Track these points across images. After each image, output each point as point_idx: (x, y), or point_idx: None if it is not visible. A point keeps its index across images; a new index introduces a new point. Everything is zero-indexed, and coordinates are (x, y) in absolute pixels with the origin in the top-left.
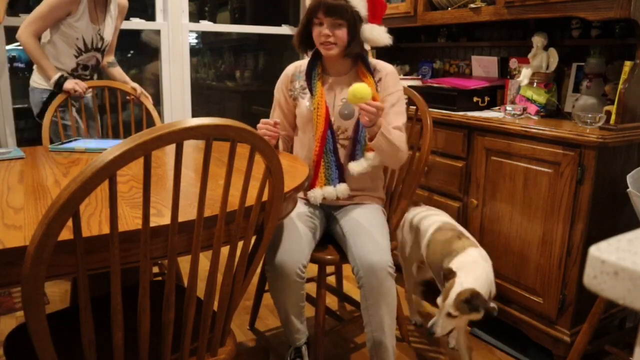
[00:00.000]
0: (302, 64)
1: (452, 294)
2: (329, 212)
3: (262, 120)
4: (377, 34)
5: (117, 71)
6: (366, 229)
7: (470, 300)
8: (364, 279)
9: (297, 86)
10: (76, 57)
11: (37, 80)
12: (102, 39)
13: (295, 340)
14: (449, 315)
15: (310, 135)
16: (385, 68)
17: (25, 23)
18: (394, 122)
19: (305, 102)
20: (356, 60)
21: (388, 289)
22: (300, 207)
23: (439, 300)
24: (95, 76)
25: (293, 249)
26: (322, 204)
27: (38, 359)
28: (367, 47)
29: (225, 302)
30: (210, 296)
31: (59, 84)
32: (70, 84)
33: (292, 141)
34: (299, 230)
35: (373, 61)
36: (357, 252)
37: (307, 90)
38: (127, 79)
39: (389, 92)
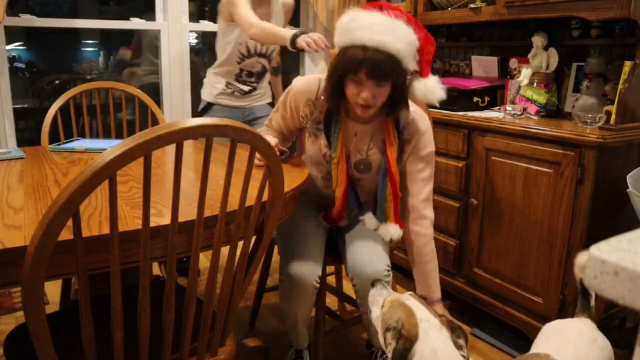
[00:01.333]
0: (319, 87)
1: None
2: None
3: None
4: (430, 93)
5: (276, 81)
6: (364, 234)
7: None
8: (357, 286)
9: (311, 118)
10: (238, 62)
11: (206, 94)
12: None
13: (299, 343)
14: None
15: (319, 174)
16: (420, 125)
17: (243, 17)
18: (421, 192)
19: (318, 142)
20: (388, 114)
21: None
22: (310, 213)
23: None
24: (262, 82)
25: (310, 260)
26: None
27: (38, 359)
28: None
29: (225, 302)
30: (210, 296)
31: (293, 41)
32: (302, 41)
33: (289, 142)
34: (314, 239)
35: (410, 114)
36: (352, 261)
37: (321, 128)
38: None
39: (420, 155)
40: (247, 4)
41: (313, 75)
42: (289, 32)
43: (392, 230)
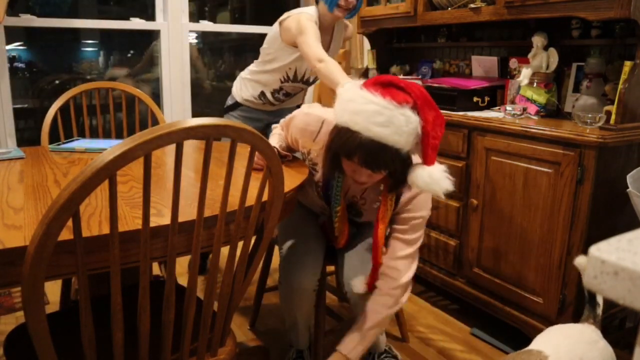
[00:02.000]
0: (320, 129)
1: None
2: None
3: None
4: (434, 183)
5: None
6: (360, 247)
7: None
8: (352, 301)
9: (309, 156)
10: (281, 82)
11: (236, 92)
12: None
13: (299, 343)
14: None
15: (316, 201)
16: (419, 204)
17: (313, 50)
18: (398, 251)
19: (314, 179)
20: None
21: None
22: (310, 216)
23: None
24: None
25: (309, 265)
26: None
27: (38, 359)
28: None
29: (225, 302)
30: (210, 296)
31: None
32: None
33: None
34: (314, 244)
35: (412, 193)
36: (346, 270)
37: (317, 168)
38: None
39: (408, 215)
40: (317, 37)
41: (316, 115)
42: (344, 81)
43: (357, 284)
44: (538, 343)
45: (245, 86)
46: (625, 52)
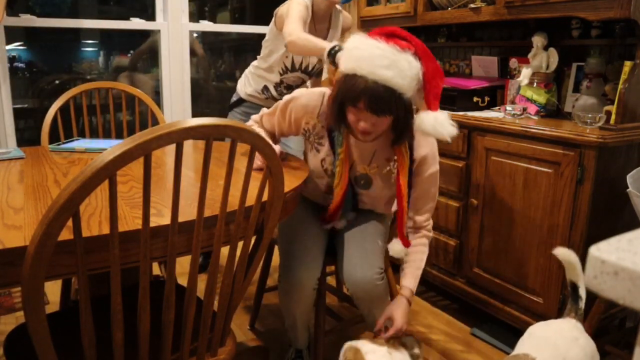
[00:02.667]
0: (322, 103)
1: None
2: None
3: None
4: (440, 126)
5: (316, 82)
6: (359, 237)
7: None
8: (351, 290)
9: (313, 133)
10: (280, 74)
11: (240, 88)
12: (315, 61)
13: (298, 343)
14: None
15: (321, 187)
16: (425, 145)
17: (287, 27)
18: (421, 207)
19: (320, 156)
20: (392, 143)
21: (377, 296)
22: (310, 214)
23: None
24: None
25: (309, 262)
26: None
27: (38, 359)
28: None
29: (225, 302)
30: (210, 296)
31: (332, 55)
32: None
33: (276, 143)
34: (314, 243)
35: (416, 136)
36: (346, 266)
37: (323, 143)
38: None
39: (423, 176)
40: (299, 18)
41: (317, 90)
42: (328, 44)
43: (396, 247)
44: (524, 346)
45: (248, 82)
46: (625, 52)
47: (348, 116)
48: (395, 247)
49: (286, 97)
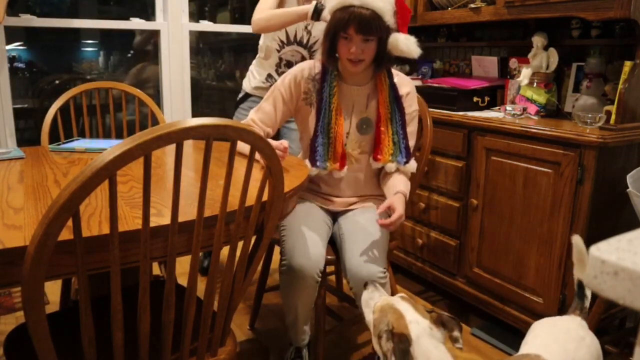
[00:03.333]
0: (317, 65)
1: None
2: (335, 215)
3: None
4: (412, 44)
5: None
6: (362, 235)
7: None
8: (355, 289)
9: (314, 90)
10: (278, 50)
11: (245, 84)
12: (309, 33)
13: (298, 340)
14: None
15: (327, 146)
16: (407, 84)
17: (257, 7)
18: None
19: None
20: (376, 70)
21: None
22: (314, 209)
23: None
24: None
25: (312, 253)
26: (329, 208)
27: (38, 359)
28: None
29: (225, 302)
30: (210, 296)
31: (317, 12)
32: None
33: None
34: (317, 234)
35: (393, 72)
36: (348, 263)
37: (323, 97)
38: None
39: (408, 112)
40: (265, 1)
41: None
42: (308, 5)
43: (411, 166)
44: (532, 344)
45: (253, 75)
46: (625, 52)
47: (340, 50)
48: (411, 166)
49: (281, 77)
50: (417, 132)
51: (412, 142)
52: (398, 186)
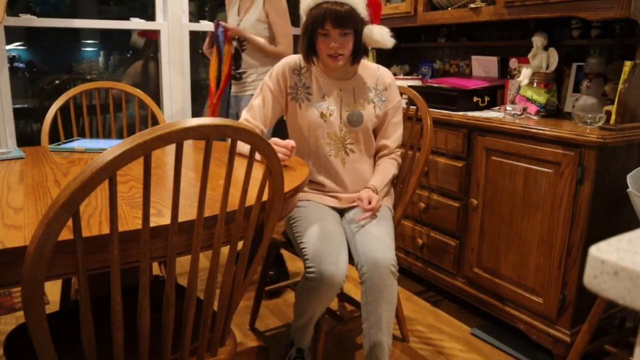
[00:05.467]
0: (301, 59)
1: None
2: (342, 212)
3: (275, 140)
4: (385, 34)
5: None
6: (373, 229)
7: None
8: (367, 275)
9: (300, 84)
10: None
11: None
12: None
13: (303, 343)
14: None
15: (318, 142)
16: (388, 76)
17: None
18: (391, 135)
19: (312, 103)
20: (352, 62)
21: (389, 286)
22: (324, 210)
23: None
24: (246, 72)
25: (339, 260)
26: (337, 207)
27: (38, 359)
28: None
29: (225, 302)
30: (210, 296)
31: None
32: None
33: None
34: (338, 238)
35: (373, 65)
36: (362, 248)
37: (311, 92)
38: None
39: (393, 104)
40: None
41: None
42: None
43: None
44: None
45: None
46: (625, 52)
47: (319, 47)
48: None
49: (268, 73)
50: (417, 132)
51: (399, 132)
52: (372, 180)
